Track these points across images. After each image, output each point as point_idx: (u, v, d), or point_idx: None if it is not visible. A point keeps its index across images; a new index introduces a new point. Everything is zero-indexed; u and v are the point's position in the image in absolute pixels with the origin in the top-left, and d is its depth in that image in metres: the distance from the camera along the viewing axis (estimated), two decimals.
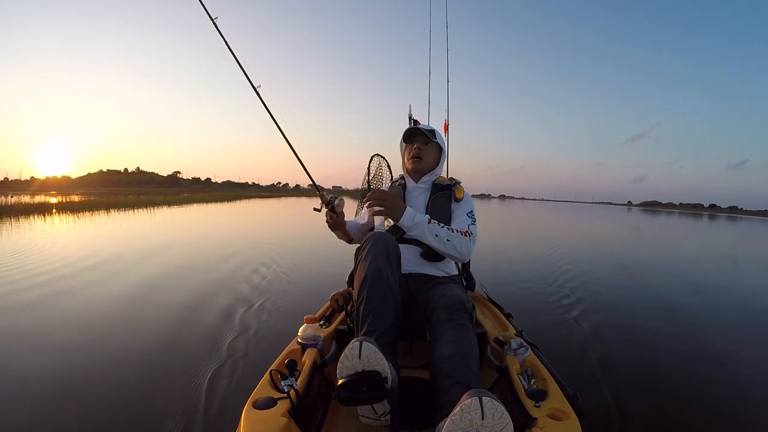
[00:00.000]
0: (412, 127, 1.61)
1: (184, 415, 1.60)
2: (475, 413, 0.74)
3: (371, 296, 1.16)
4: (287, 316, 2.81)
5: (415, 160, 1.59)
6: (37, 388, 1.80)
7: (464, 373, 1.01)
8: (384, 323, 1.14)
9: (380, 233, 1.30)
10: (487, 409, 0.74)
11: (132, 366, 2.06)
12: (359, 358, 0.94)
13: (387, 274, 1.19)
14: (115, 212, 12.98)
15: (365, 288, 1.18)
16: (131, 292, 3.50)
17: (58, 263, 4.50)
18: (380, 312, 1.15)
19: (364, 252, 1.25)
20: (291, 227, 10.97)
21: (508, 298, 3.17)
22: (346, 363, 0.95)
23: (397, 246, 1.31)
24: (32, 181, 47.54)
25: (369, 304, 1.16)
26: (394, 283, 1.21)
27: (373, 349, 0.94)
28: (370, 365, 0.94)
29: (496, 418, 0.74)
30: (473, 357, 1.07)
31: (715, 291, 4.11)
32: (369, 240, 1.27)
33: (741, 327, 2.99)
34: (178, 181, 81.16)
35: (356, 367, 0.95)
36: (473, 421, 0.75)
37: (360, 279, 1.21)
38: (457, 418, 0.76)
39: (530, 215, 21.18)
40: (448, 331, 1.11)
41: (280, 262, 4.87)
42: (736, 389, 1.94)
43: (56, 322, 2.67)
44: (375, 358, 0.94)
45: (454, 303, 1.17)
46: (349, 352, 0.95)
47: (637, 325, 2.85)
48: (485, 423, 0.74)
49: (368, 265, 1.20)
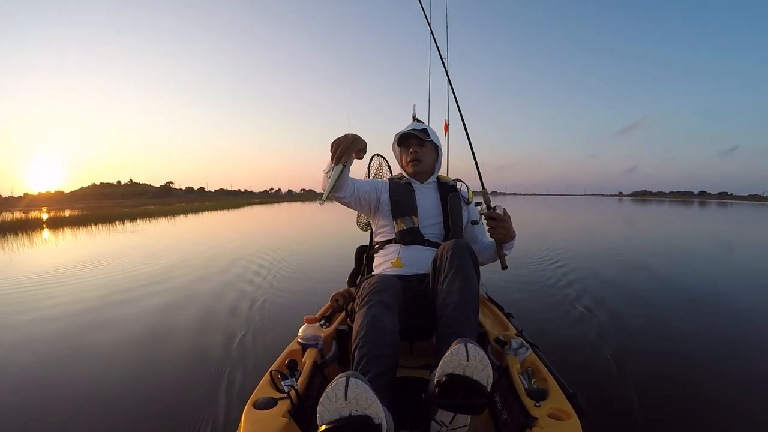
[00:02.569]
0: (404, 131, 1.59)
1: (184, 414, 1.60)
2: (461, 356, 0.89)
3: (367, 342, 1.07)
4: (287, 316, 2.81)
5: (415, 163, 1.58)
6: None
7: (460, 323, 1.10)
8: (380, 367, 1.02)
9: (383, 276, 1.25)
10: (471, 353, 0.89)
11: (132, 366, 2.06)
12: (345, 399, 0.78)
13: (386, 322, 1.11)
14: (141, 223, 13.26)
15: (361, 336, 1.08)
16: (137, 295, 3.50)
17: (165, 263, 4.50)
18: (377, 356, 1.04)
19: (364, 299, 1.18)
20: (291, 228, 10.98)
21: (508, 297, 3.17)
22: (328, 405, 0.79)
23: (400, 291, 1.25)
24: (26, 198, 47.47)
25: (363, 349, 1.05)
26: (394, 330, 1.13)
27: (363, 387, 0.79)
28: (360, 408, 0.78)
29: (478, 360, 0.89)
30: (473, 308, 1.14)
31: (717, 289, 4.11)
32: (372, 285, 1.21)
33: (743, 324, 2.98)
34: (172, 191, 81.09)
35: (341, 410, 0.78)
36: (460, 362, 0.89)
37: (357, 326, 1.12)
38: (448, 359, 0.90)
39: (523, 211, 21.29)
40: (451, 275, 1.16)
41: (280, 262, 4.88)
42: (740, 386, 1.94)
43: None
44: (365, 399, 0.79)
45: (461, 248, 1.22)
46: (331, 390, 0.78)
47: (637, 323, 2.85)
48: (470, 364, 0.89)
49: (366, 312, 1.13)
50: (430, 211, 1.53)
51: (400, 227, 1.48)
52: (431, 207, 1.54)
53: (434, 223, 1.52)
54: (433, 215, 1.53)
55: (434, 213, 1.53)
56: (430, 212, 1.53)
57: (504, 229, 1.35)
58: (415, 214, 1.50)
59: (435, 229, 1.52)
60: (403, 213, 1.50)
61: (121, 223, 12.85)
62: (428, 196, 1.56)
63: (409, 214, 1.50)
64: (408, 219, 1.49)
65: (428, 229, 1.50)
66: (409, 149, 1.59)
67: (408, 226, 1.48)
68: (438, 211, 1.54)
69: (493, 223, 1.35)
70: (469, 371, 0.89)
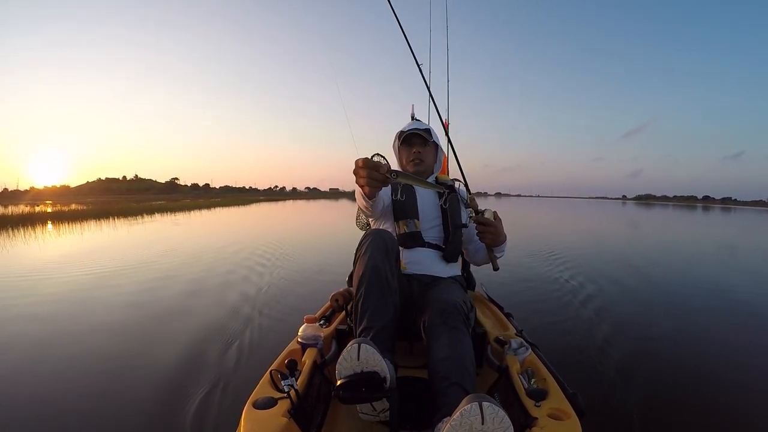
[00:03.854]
0: (408, 131, 1.59)
1: (184, 414, 1.60)
2: (475, 418, 0.74)
3: (369, 293, 1.17)
4: (287, 316, 2.81)
5: (417, 162, 1.58)
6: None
7: (460, 375, 1.01)
8: (382, 320, 1.14)
9: (379, 231, 1.29)
10: (487, 414, 0.73)
11: (132, 366, 2.06)
12: (358, 359, 0.96)
13: (385, 271, 1.19)
14: (160, 216, 13.91)
15: (363, 285, 1.18)
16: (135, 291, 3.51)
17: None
18: (378, 309, 1.15)
19: (362, 249, 1.25)
20: (293, 228, 10.98)
21: (508, 297, 3.17)
22: (344, 364, 0.97)
23: (396, 243, 1.31)
24: (32, 192, 47.38)
25: (367, 301, 1.16)
26: (393, 280, 1.21)
27: (371, 350, 0.96)
28: (369, 366, 0.96)
29: (496, 423, 0.73)
30: (469, 359, 1.07)
31: (718, 286, 4.11)
32: (367, 237, 1.26)
33: (746, 323, 2.98)
34: (178, 188, 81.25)
35: (355, 368, 0.96)
36: (473, 426, 0.73)
37: (358, 276, 1.21)
38: (457, 424, 0.74)
39: (526, 212, 21.37)
40: (443, 335, 1.10)
41: (280, 262, 4.88)
42: (741, 388, 1.94)
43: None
44: (373, 359, 0.96)
45: (448, 307, 1.16)
46: (347, 353, 0.96)
47: (638, 323, 2.84)
48: (485, 428, 0.73)
49: (366, 262, 1.20)
50: (431, 214, 1.54)
51: (402, 230, 1.49)
52: (432, 209, 1.55)
53: (434, 226, 1.53)
54: (434, 217, 1.54)
55: (434, 215, 1.54)
56: (431, 214, 1.54)
57: (492, 234, 1.33)
58: (416, 216, 1.51)
59: (435, 231, 1.53)
60: (405, 216, 1.50)
61: (141, 216, 13.47)
62: (428, 198, 1.57)
63: (411, 217, 1.50)
64: (410, 222, 1.50)
65: (429, 231, 1.51)
66: (412, 149, 1.59)
67: (410, 230, 1.49)
68: (438, 213, 1.54)
69: (481, 228, 1.34)
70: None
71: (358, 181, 1.10)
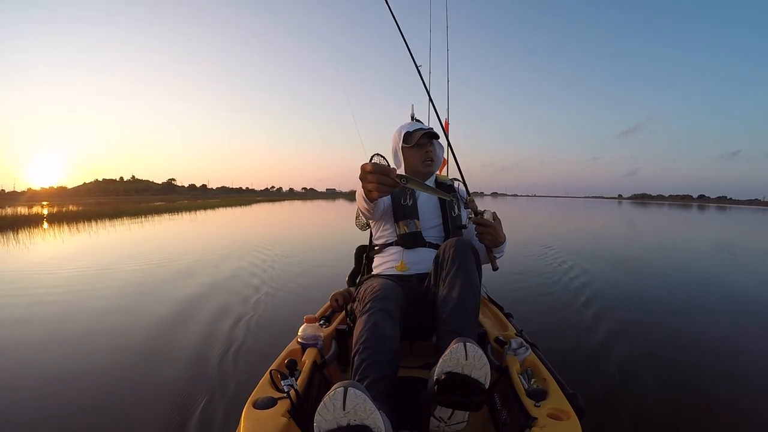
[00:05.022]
0: (413, 130, 1.58)
1: (184, 414, 1.60)
2: (460, 355, 0.91)
3: (367, 348, 1.06)
4: (287, 316, 2.81)
5: (430, 162, 1.57)
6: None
7: (460, 321, 1.11)
8: (379, 372, 1.01)
9: (385, 282, 1.24)
10: (469, 351, 0.91)
11: (132, 366, 2.06)
12: (343, 409, 0.78)
13: (387, 329, 1.11)
14: (171, 216, 14.33)
15: (362, 341, 1.08)
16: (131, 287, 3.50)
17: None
18: (376, 362, 1.03)
19: (366, 305, 1.17)
20: (293, 228, 10.98)
21: (508, 297, 3.17)
22: (326, 415, 0.79)
23: (401, 296, 1.25)
24: (28, 193, 47.39)
25: (364, 353, 1.05)
26: (395, 337, 1.13)
27: (361, 397, 0.79)
28: (358, 419, 0.79)
29: (476, 359, 0.92)
30: (472, 303, 1.15)
31: (718, 286, 4.11)
32: (374, 291, 1.20)
33: (746, 322, 2.98)
34: (175, 188, 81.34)
35: (339, 420, 0.79)
36: (459, 360, 0.92)
37: (358, 332, 1.11)
38: (447, 358, 0.93)
39: (522, 212, 21.44)
40: (453, 273, 1.17)
41: (280, 262, 4.88)
42: (742, 387, 1.94)
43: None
44: (364, 409, 0.79)
45: (463, 246, 1.22)
46: (329, 400, 0.79)
47: (638, 322, 2.85)
48: (468, 362, 0.91)
49: (367, 319, 1.12)
50: (431, 214, 1.53)
51: (403, 230, 1.49)
52: (432, 209, 1.54)
53: (435, 226, 1.53)
54: (434, 218, 1.53)
55: (435, 215, 1.54)
56: (431, 215, 1.53)
57: (491, 235, 1.32)
58: (416, 217, 1.50)
59: (435, 232, 1.52)
60: (406, 216, 1.50)
61: (151, 216, 13.93)
62: (428, 198, 1.56)
63: (411, 217, 1.50)
64: (410, 222, 1.49)
65: (429, 231, 1.51)
66: (425, 148, 1.57)
67: (411, 230, 1.48)
68: (438, 213, 1.54)
69: (481, 229, 1.32)
70: (467, 369, 0.92)
71: (365, 186, 1.06)
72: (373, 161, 2.02)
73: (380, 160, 2.03)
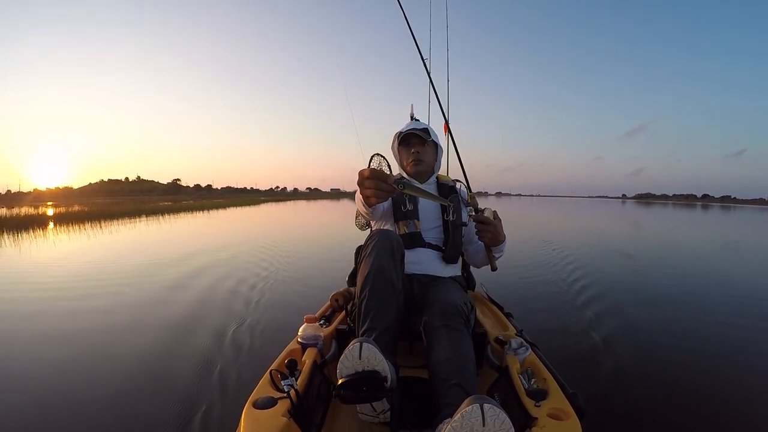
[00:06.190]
0: (406, 131, 1.58)
1: (184, 414, 1.60)
2: (476, 420, 0.72)
3: (373, 294, 1.16)
4: (287, 316, 2.81)
5: (417, 162, 1.58)
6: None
7: (461, 375, 1.01)
8: (385, 321, 1.13)
9: (385, 231, 1.29)
10: (488, 415, 0.72)
11: (132, 366, 2.06)
12: (359, 358, 0.96)
13: (390, 272, 1.18)
14: (188, 215, 14.75)
15: (367, 285, 1.17)
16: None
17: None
18: (382, 310, 1.14)
19: (368, 249, 1.24)
20: (294, 227, 10.99)
21: (508, 297, 3.17)
22: (346, 363, 0.96)
23: (402, 244, 1.30)
24: (34, 193, 47.58)
25: (371, 301, 1.15)
26: (397, 282, 1.21)
27: (373, 350, 0.96)
28: (370, 365, 0.96)
29: (497, 425, 0.72)
30: (469, 360, 1.07)
31: (719, 286, 4.10)
32: (373, 237, 1.25)
33: (747, 322, 2.97)
34: (181, 188, 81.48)
35: (356, 367, 0.96)
36: (474, 427, 0.72)
37: (363, 276, 1.19)
38: (458, 425, 0.73)
39: (525, 211, 21.46)
40: (443, 336, 1.11)
41: (279, 262, 4.88)
42: (742, 387, 1.93)
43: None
44: (375, 358, 0.96)
45: (449, 308, 1.17)
46: (349, 352, 0.96)
47: (638, 323, 2.84)
48: (486, 429, 0.72)
49: (371, 262, 1.19)
50: (431, 215, 1.53)
51: (402, 231, 1.49)
52: (432, 210, 1.54)
53: (435, 227, 1.52)
54: (434, 219, 1.53)
55: (435, 216, 1.54)
56: (431, 215, 1.53)
57: (491, 233, 1.33)
58: (416, 217, 1.50)
59: (435, 233, 1.52)
60: (405, 216, 1.50)
61: (167, 215, 14.44)
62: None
63: (411, 218, 1.50)
64: (410, 223, 1.50)
65: (429, 232, 1.51)
66: (411, 149, 1.58)
67: (410, 230, 1.49)
68: (438, 214, 1.54)
69: (481, 227, 1.33)
70: None
71: (363, 192, 1.06)
72: (372, 162, 2.02)
73: (380, 161, 2.02)
